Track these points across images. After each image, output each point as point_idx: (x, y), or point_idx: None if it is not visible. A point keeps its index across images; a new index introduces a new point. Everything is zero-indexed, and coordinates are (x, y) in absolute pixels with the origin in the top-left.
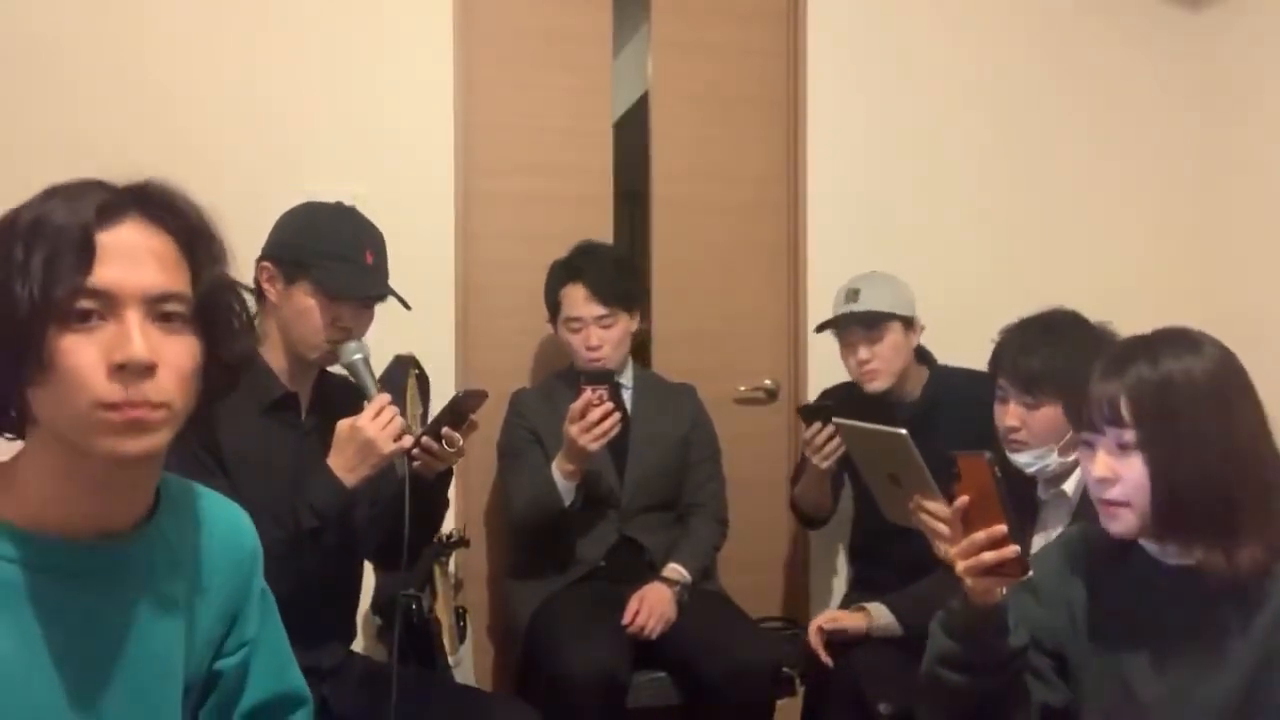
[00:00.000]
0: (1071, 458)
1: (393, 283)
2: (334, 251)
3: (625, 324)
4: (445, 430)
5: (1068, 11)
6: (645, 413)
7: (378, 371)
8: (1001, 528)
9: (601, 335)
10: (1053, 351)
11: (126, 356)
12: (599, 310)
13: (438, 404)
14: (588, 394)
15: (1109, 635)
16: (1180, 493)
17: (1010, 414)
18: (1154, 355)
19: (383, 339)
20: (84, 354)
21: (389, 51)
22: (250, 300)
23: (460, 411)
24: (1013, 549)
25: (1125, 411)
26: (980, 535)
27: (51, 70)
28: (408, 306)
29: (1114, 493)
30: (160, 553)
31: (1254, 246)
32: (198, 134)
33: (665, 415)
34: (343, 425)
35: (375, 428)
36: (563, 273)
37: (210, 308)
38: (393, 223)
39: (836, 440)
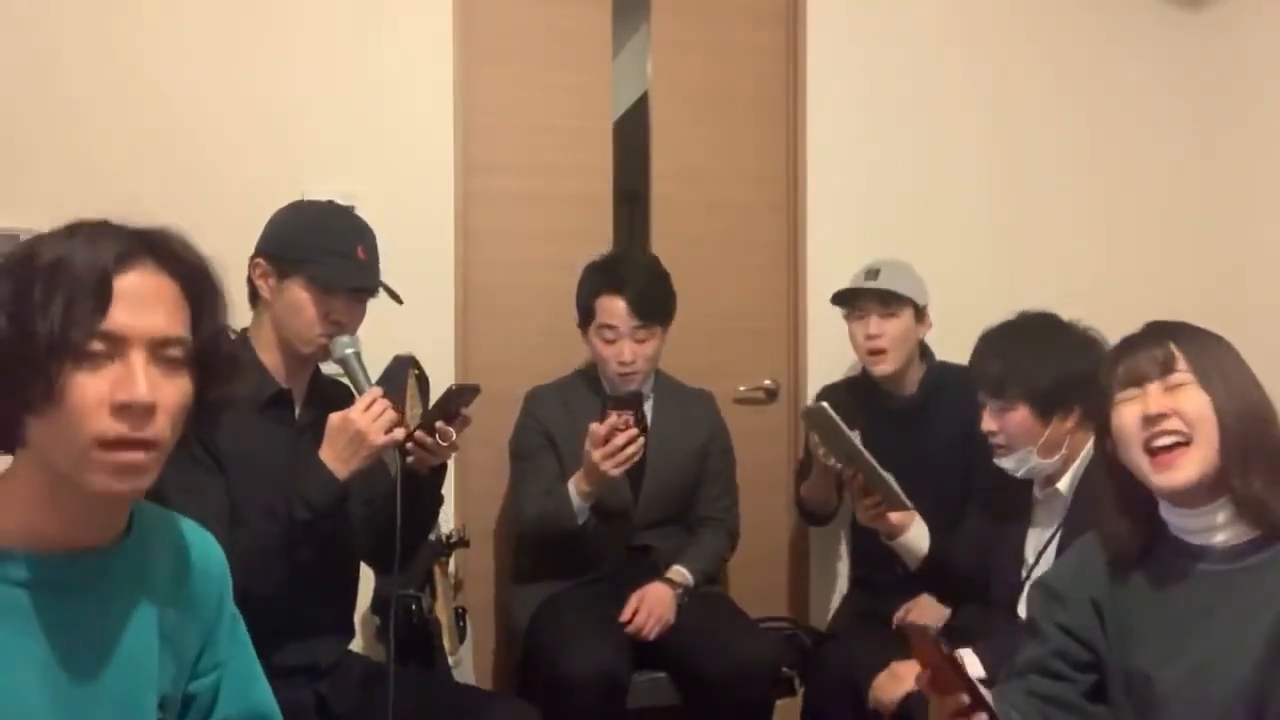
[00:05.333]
0: (1053, 459)
1: (392, 281)
2: (326, 246)
3: (659, 339)
4: (438, 425)
5: (1068, 11)
6: (664, 424)
7: (377, 372)
8: (963, 698)
9: (636, 350)
10: (1016, 353)
11: (130, 397)
12: (637, 323)
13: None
14: (613, 418)
15: (1133, 623)
16: (1241, 415)
17: (987, 420)
18: (1185, 328)
19: (383, 339)
20: (90, 391)
21: (389, 51)
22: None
23: (452, 406)
24: (981, 717)
25: (1177, 357)
26: (949, 704)
27: (50, 72)
28: (399, 300)
29: (1171, 424)
30: (133, 567)
31: (1254, 246)
32: (197, 134)
33: (684, 426)
34: (334, 418)
35: (366, 420)
36: (602, 280)
37: (206, 353)
38: (393, 222)
39: None
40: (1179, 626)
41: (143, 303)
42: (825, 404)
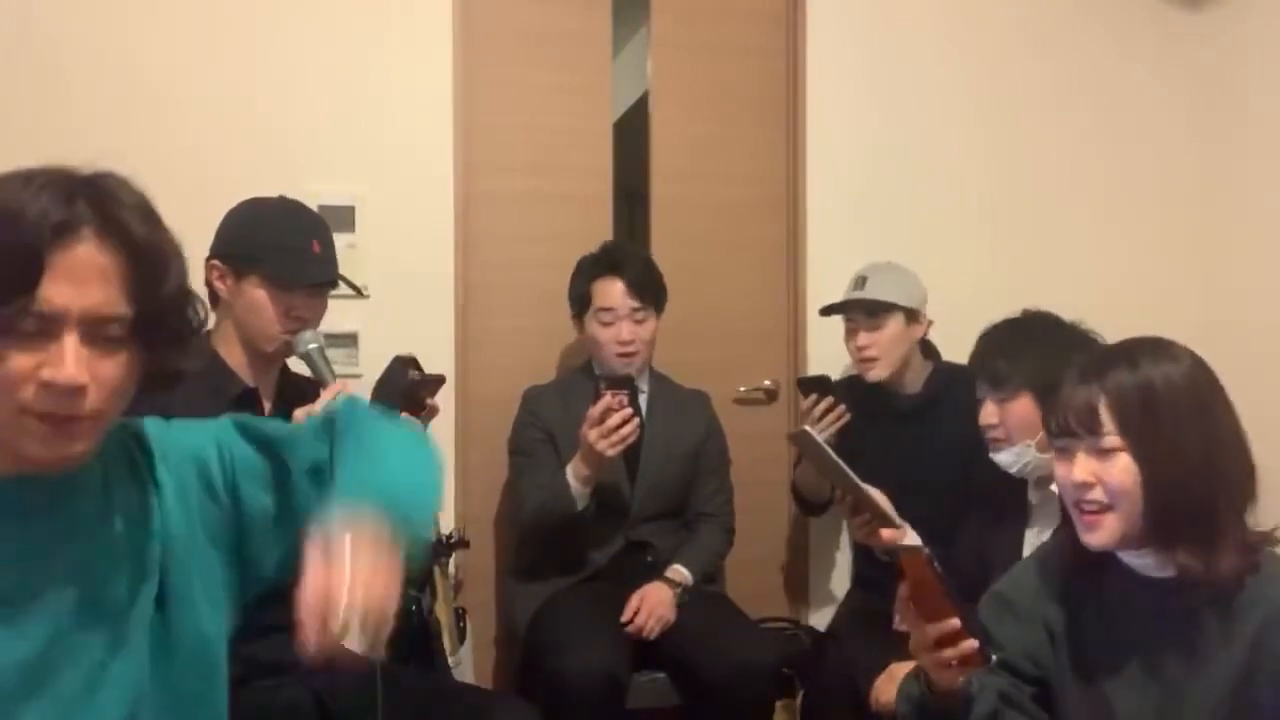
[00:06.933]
0: (1049, 455)
1: (393, 281)
2: (281, 242)
3: (654, 324)
4: (404, 416)
5: (1067, 12)
6: (659, 419)
7: (375, 369)
8: (954, 622)
9: (634, 330)
10: (1020, 345)
11: (55, 377)
12: (635, 304)
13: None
14: (607, 398)
15: (1090, 652)
16: (1169, 493)
17: (986, 412)
18: (1132, 360)
19: (383, 339)
20: (17, 363)
21: (388, 52)
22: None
23: (417, 397)
24: (970, 644)
25: (1105, 416)
26: (933, 630)
27: (47, 72)
28: (359, 292)
29: (1094, 494)
30: (99, 485)
31: (1252, 249)
32: (197, 135)
33: (679, 423)
34: (299, 414)
35: None
36: (598, 266)
37: (152, 325)
38: (393, 223)
39: (837, 411)
40: (1143, 656)
41: (79, 279)
42: (809, 429)
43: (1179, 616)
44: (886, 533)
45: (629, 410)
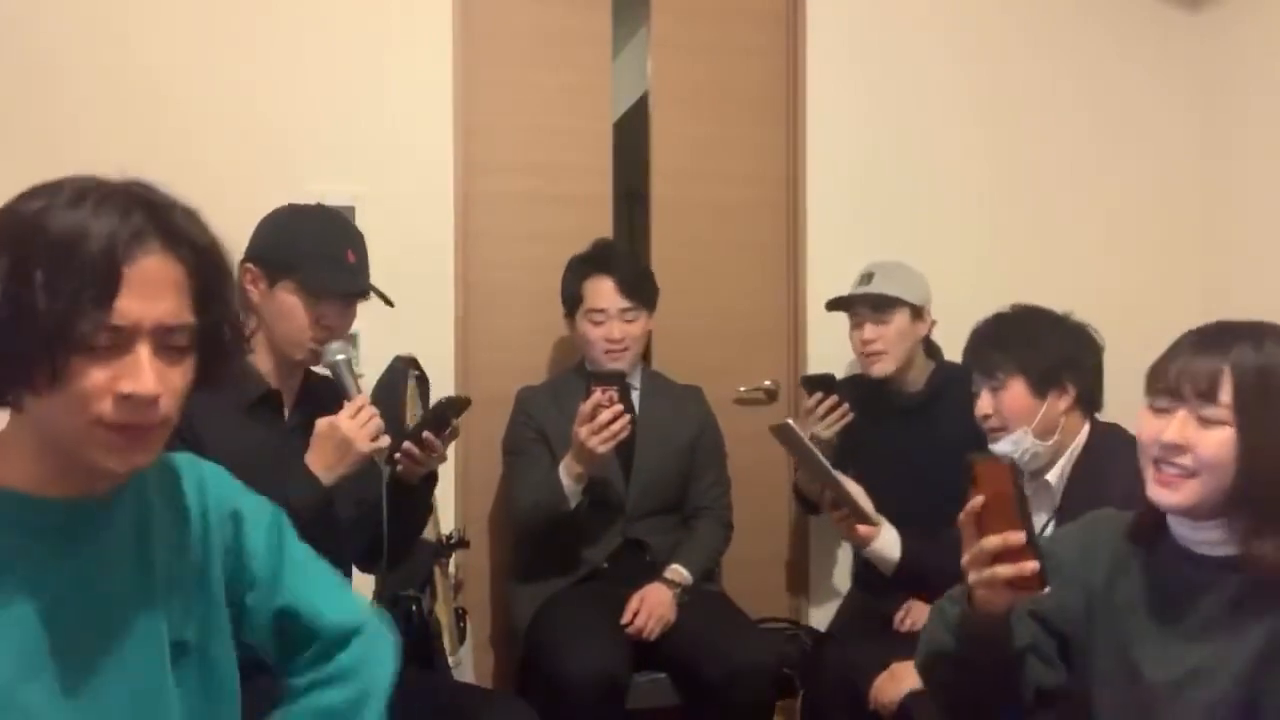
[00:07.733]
0: (1048, 442)
1: (393, 282)
2: (316, 251)
3: (645, 322)
4: (426, 435)
5: (1067, 12)
6: (653, 415)
7: (376, 369)
8: (1020, 535)
9: (624, 329)
10: (1008, 334)
11: (135, 389)
12: (625, 304)
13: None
14: (597, 395)
15: (1126, 618)
16: (1267, 476)
17: (981, 403)
18: (1258, 341)
19: (383, 339)
20: (93, 377)
21: (389, 52)
22: (247, 320)
23: (443, 417)
24: (1033, 564)
25: (1225, 386)
26: (994, 541)
27: (48, 74)
28: (390, 304)
29: (1182, 459)
30: (134, 515)
31: (1252, 249)
32: (197, 135)
33: (673, 418)
34: (321, 423)
35: (353, 426)
36: (587, 266)
37: (211, 335)
38: (393, 223)
39: (840, 410)
40: (1178, 627)
41: (151, 290)
42: (791, 421)
43: (1217, 592)
44: (862, 529)
45: (619, 406)
